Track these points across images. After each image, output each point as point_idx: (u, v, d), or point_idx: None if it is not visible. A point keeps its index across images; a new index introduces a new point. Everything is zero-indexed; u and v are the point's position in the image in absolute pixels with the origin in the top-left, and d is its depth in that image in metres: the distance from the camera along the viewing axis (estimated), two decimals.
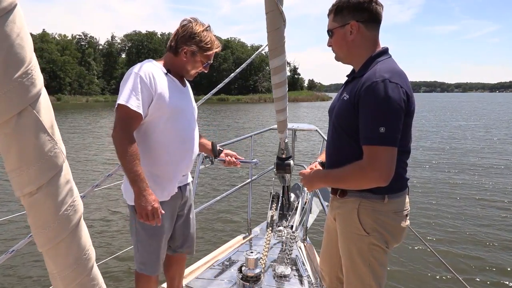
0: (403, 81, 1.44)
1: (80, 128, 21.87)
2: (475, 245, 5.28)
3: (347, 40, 1.57)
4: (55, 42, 77.29)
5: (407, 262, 4.73)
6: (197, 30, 1.81)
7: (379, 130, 1.37)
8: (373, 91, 1.39)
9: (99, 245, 5.18)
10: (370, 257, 1.56)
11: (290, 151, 3.50)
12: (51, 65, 69.16)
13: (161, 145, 1.80)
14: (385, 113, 1.38)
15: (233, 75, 2.74)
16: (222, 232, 5.66)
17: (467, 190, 7.95)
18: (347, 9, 1.54)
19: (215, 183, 8.41)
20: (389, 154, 1.39)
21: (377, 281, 1.57)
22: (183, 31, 1.81)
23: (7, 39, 0.58)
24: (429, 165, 10.54)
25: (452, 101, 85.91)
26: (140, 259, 1.91)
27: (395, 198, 1.54)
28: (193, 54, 1.84)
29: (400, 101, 1.39)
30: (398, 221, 1.57)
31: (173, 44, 1.84)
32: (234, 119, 28.47)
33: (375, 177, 1.41)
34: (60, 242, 0.73)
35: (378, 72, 1.44)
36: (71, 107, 49.87)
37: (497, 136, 16.97)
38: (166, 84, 1.79)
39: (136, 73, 1.71)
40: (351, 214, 1.57)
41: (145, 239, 1.87)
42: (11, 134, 0.62)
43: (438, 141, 15.42)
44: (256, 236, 3.30)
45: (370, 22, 1.54)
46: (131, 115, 1.67)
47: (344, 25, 1.55)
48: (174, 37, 1.85)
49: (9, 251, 1.42)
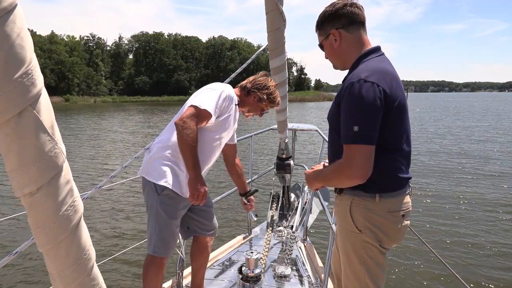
0: (382, 80, 1.46)
1: (81, 128, 21.90)
2: (479, 248, 5.28)
3: (334, 49, 1.65)
4: (64, 43, 78.11)
5: (407, 262, 4.73)
6: (271, 86, 2.24)
7: (353, 129, 1.41)
8: (349, 91, 1.45)
9: (99, 245, 5.18)
10: (363, 255, 1.58)
11: (290, 151, 3.50)
12: (60, 66, 69.92)
13: (202, 149, 2.01)
14: (358, 112, 1.42)
15: (233, 76, 2.74)
16: (222, 232, 5.66)
17: (473, 191, 7.95)
18: (326, 21, 1.64)
19: (215, 183, 8.42)
20: (363, 151, 1.42)
21: (373, 279, 1.58)
22: (259, 81, 2.22)
23: (7, 39, 0.58)
24: (441, 165, 10.54)
25: (461, 100, 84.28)
26: (155, 241, 1.99)
27: (388, 197, 1.55)
28: (260, 101, 2.22)
29: (374, 100, 1.41)
30: (393, 221, 1.57)
31: (249, 86, 2.22)
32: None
33: (351, 174, 1.45)
34: (60, 242, 0.73)
35: (356, 73, 1.49)
36: (79, 107, 50.06)
37: None
38: (233, 112, 2.15)
39: (224, 91, 2.05)
40: (345, 211, 1.61)
41: (164, 222, 1.99)
42: (11, 134, 0.62)
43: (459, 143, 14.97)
44: (256, 236, 3.30)
45: (350, 25, 1.60)
46: (204, 113, 1.94)
47: (328, 36, 1.65)
48: (251, 81, 2.24)
49: (13, 253, 1.42)
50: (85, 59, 78.36)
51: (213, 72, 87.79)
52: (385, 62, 1.57)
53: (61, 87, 68.44)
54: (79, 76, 73.27)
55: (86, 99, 68.89)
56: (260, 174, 4.06)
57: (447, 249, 5.14)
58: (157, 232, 1.98)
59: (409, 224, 1.66)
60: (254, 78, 2.25)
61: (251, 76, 2.30)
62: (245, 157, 11.83)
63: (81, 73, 73.80)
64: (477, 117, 29.38)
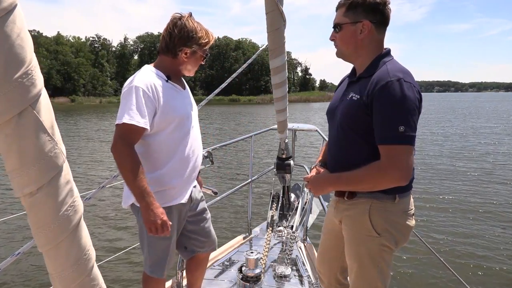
0: (414, 81, 1.45)
1: (82, 128, 21.89)
2: (480, 248, 5.28)
3: (356, 38, 1.52)
4: (70, 44, 78.38)
5: (407, 262, 4.73)
6: (193, 27, 1.74)
7: (399, 129, 1.35)
8: (389, 90, 1.38)
9: (99, 246, 5.18)
10: (379, 259, 1.55)
11: (290, 151, 3.50)
12: (66, 67, 70.35)
13: (168, 154, 1.77)
14: (403, 112, 1.37)
15: (231, 78, 2.74)
16: (222, 232, 5.66)
17: (475, 192, 7.95)
18: (361, 7, 1.49)
19: (215, 183, 8.42)
20: (409, 152, 1.38)
21: (384, 281, 1.57)
22: (179, 32, 1.73)
23: (7, 39, 0.58)
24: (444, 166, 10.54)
25: (469, 100, 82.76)
26: (150, 262, 1.88)
27: (404, 197, 1.54)
28: (194, 53, 1.79)
29: (415, 100, 1.40)
30: (408, 220, 1.57)
31: (171, 47, 1.75)
32: (249, 118, 28.38)
33: (397, 176, 1.39)
34: (61, 243, 0.73)
35: (391, 72, 1.43)
36: (84, 108, 50.09)
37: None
38: (168, 93, 1.73)
39: (138, 86, 1.64)
40: (362, 216, 1.55)
41: (155, 242, 1.85)
42: (11, 134, 0.62)
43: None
44: (256, 236, 3.30)
45: (381, 25, 1.53)
46: (133, 131, 1.62)
47: (356, 23, 1.50)
48: (170, 39, 1.75)
49: (15, 254, 1.42)
50: (90, 60, 78.55)
51: (217, 73, 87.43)
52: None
53: (67, 88, 68.91)
54: (84, 76, 73.63)
55: (92, 100, 69.04)
56: (260, 174, 4.06)
57: (448, 249, 5.14)
58: (151, 255, 1.86)
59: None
60: (169, 31, 1.75)
61: (163, 32, 1.81)
62: (245, 157, 11.85)
63: (86, 73, 74.12)
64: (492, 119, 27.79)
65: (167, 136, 1.75)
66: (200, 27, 1.78)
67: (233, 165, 10.78)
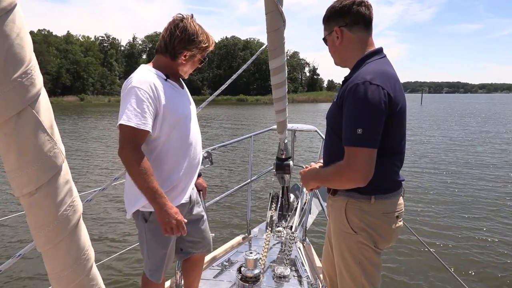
0: (386, 82, 1.45)
1: (83, 128, 21.86)
2: (477, 247, 5.29)
3: (336, 46, 1.64)
4: (79, 43, 79.00)
5: (406, 262, 4.73)
6: (194, 30, 1.73)
7: (357, 132, 1.40)
8: (354, 93, 1.43)
9: (98, 246, 5.17)
10: (359, 255, 1.58)
11: (289, 152, 3.50)
12: (75, 66, 71.02)
13: (168, 154, 1.77)
14: (363, 114, 1.41)
15: (231, 79, 2.74)
16: (222, 232, 5.66)
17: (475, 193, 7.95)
18: (332, 17, 1.62)
19: (215, 183, 8.41)
20: (366, 155, 1.41)
21: (369, 280, 1.59)
22: (181, 33, 1.71)
23: (7, 39, 0.58)
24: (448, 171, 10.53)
25: (483, 102, 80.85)
26: (150, 266, 1.89)
27: (383, 199, 1.56)
28: (193, 56, 1.80)
29: (379, 103, 1.40)
30: (388, 222, 1.58)
31: (170, 48, 1.74)
32: (252, 118, 28.37)
33: (353, 177, 1.44)
34: (60, 243, 0.72)
35: (361, 74, 1.47)
36: (93, 106, 50.32)
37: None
38: (168, 92, 1.72)
39: (138, 87, 1.63)
40: (340, 213, 1.61)
41: (155, 247, 1.85)
42: (10, 134, 0.62)
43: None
44: (255, 236, 3.30)
45: (354, 25, 1.58)
46: (137, 133, 1.60)
47: (331, 32, 1.63)
48: (170, 39, 1.73)
49: (16, 255, 1.42)
50: (99, 59, 79.15)
51: (225, 72, 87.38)
52: (387, 65, 1.57)
53: (76, 87, 69.75)
54: (93, 75, 74.27)
55: (101, 99, 69.48)
56: (259, 174, 4.06)
57: (445, 247, 5.15)
58: (151, 258, 1.88)
59: (411, 225, 1.67)
60: (171, 32, 1.73)
61: (162, 32, 1.78)
62: (244, 157, 11.84)
63: (95, 72, 74.72)
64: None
65: (167, 136, 1.74)
66: (201, 30, 1.78)
67: (232, 165, 10.79)
